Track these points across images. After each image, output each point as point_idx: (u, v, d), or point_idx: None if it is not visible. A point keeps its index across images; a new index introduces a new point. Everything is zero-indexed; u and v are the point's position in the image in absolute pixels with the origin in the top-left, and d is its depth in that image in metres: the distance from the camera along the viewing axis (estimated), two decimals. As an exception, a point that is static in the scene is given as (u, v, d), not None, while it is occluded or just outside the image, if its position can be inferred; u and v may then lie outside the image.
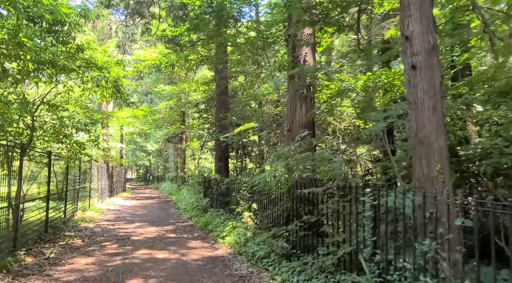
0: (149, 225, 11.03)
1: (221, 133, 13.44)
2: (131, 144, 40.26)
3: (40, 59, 7.05)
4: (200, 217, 11.48)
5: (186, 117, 26.01)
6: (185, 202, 14.76)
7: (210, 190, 12.99)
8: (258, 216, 7.74)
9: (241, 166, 15.80)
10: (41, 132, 8.92)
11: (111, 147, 21.42)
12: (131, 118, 22.44)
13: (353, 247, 4.40)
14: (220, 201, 11.87)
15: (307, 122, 7.38)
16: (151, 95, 33.69)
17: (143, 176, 56.08)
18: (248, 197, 8.51)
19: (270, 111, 11.80)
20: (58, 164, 12.30)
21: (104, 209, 15.42)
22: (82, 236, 8.80)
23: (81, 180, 14.94)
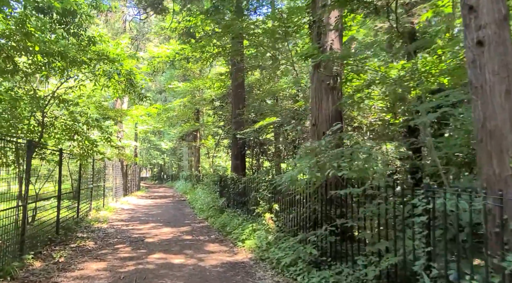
0: (164, 225, 10.60)
1: (238, 130, 12.91)
2: (146, 142, 40.23)
3: (49, 50, 6.63)
4: (217, 217, 10.98)
5: (200, 115, 25.63)
6: (200, 202, 14.31)
7: (227, 189, 12.48)
8: (281, 218, 7.16)
9: (257, 165, 15.24)
10: (52, 129, 8.57)
11: (125, 145, 21.19)
12: (145, 116, 22.17)
13: (399, 257, 3.78)
14: (237, 200, 11.34)
15: (334, 116, 6.75)
16: (165, 93, 33.49)
17: (157, 175, 56.20)
18: (269, 197, 7.94)
19: (288, 106, 11.18)
20: (73, 162, 12.02)
21: (118, 208, 15.11)
22: (94, 237, 8.40)
23: (95, 178, 14.69)
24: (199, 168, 27.15)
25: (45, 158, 8.07)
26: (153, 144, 40.52)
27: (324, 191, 5.48)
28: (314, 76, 7.08)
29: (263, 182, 8.58)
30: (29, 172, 6.31)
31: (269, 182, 8.11)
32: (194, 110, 24.35)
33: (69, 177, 11.93)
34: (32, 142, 6.35)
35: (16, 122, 8.16)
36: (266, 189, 8.17)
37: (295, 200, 6.59)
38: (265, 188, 8.19)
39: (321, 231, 5.15)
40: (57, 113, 8.61)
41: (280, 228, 6.98)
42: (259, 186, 9.07)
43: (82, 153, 8.98)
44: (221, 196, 13.16)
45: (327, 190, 5.39)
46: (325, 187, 5.42)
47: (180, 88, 20.87)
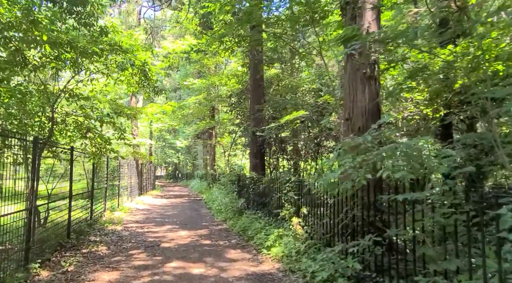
0: (181, 228, 10.02)
1: (257, 127, 12.23)
2: (160, 141, 40.05)
3: (57, 40, 6.09)
4: (236, 219, 10.34)
5: (216, 113, 25.08)
6: (217, 202, 13.71)
7: (246, 190, 11.82)
8: (310, 224, 6.45)
9: (276, 164, 14.53)
10: (63, 126, 8.08)
11: (140, 143, 20.81)
12: (160, 114, 21.75)
13: (477, 280, 3.02)
14: (257, 202, 10.68)
15: (371, 109, 5.99)
16: (180, 91, 33.13)
17: (172, 173, 56.19)
18: (296, 199, 7.23)
19: (311, 101, 10.41)
20: (88, 161, 11.60)
21: (133, 209, 14.67)
22: (107, 242, 7.87)
23: (110, 178, 14.28)
24: (215, 167, 26.62)
25: (57, 156, 7.59)
26: (168, 142, 40.30)
27: (365, 194, 4.74)
28: (348, 64, 6.33)
29: (288, 183, 7.88)
30: (36, 171, 5.78)
31: (295, 183, 7.40)
32: (210, 108, 23.81)
33: (85, 176, 11.50)
34: (38, 138, 5.82)
35: (26, 119, 7.70)
36: (291, 190, 7.47)
37: (327, 203, 5.88)
38: (291, 189, 7.48)
39: (365, 241, 4.41)
40: (69, 110, 8.11)
41: (310, 234, 6.27)
42: (282, 187, 8.38)
43: (95, 152, 8.47)
44: (239, 196, 12.52)
45: (369, 193, 4.65)
46: (367, 190, 4.69)
47: (195, 85, 20.34)
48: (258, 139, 11.98)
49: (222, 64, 24.37)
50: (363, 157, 3.73)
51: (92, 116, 7.57)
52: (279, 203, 8.61)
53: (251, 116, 12.69)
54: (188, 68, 24.34)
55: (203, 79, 20.22)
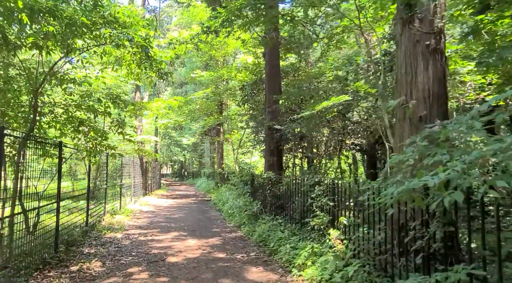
0: (189, 235, 8.76)
1: (274, 120, 10.91)
2: (166, 138, 38.91)
3: (36, 6, 4.82)
4: (252, 226, 9.05)
5: (224, 108, 23.79)
6: (229, 204, 12.43)
7: (261, 191, 10.53)
8: (354, 238, 5.11)
9: (293, 162, 13.20)
10: (52, 118, 6.84)
11: (145, 140, 19.62)
12: (166, 109, 20.52)
13: None
14: (276, 205, 9.38)
15: (437, 92, 4.65)
16: (186, 86, 31.93)
17: (177, 172, 55.17)
18: (331, 206, 5.90)
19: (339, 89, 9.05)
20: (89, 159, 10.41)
21: (137, 211, 13.45)
22: (103, 255, 6.62)
23: (112, 177, 13.08)
24: (223, 165, 25.37)
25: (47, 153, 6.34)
26: (174, 139, 39.13)
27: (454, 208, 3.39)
28: (403, 36, 4.97)
29: (318, 185, 6.56)
30: (16, 169, 4.54)
31: (329, 186, 6.08)
32: (218, 103, 22.55)
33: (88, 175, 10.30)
34: (4, 128, 4.56)
35: (6, 109, 6.48)
36: (325, 195, 6.14)
37: (381, 213, 4.55)
38: (325, 194, 6.16)
39: (455, 273, 3.07)
40: (59, 99, 6.86)
41: (355, 252, 4.95)
42: (310, 190, 7.07)
43: (90, 148, 7.21)
44: (254, 198, 11.23)
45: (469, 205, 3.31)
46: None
47: (203, 77, 19.06)
48: (275, 135, 10.65)
49: (230, 57, 23.07)
50: (479, 153, 2.39)
51: (84, 105, 6.30)
52: (306, 208, 7.30)
53: (267, 109, 11.36)
54: (195, 62, 23.08)
55: (211, 72, 18.93)
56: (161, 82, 39.18)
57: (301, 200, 7.85)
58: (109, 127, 6.84)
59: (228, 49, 20.84)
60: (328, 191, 6.10)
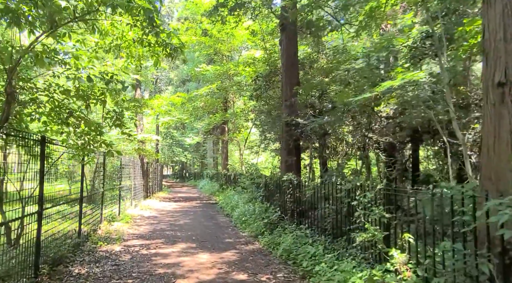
0: (199, 247, 7.50)
1: (291, 115, 9.65)
2: (168, 138, 37.64)
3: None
4: (271, 236, 7.80)
5: (229, 106, 22.53)
6: (240, 210, 11.15)
7: (279, 195, 9.27)
8: (426, 264, 3.84)
9: (310, 163, 11.95)
10: (34, 107, 5.59)
11: (145, 139, 18.38)
12: (168, 106, 19.31)
13: None
14: (297, 212, 8.14)
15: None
16: (188, 84, 30.70)
17: (179, 173, 53.88)
18: (388, 219, 4.63)
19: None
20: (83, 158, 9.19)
21: (137, 217, 12.20)
22: (97, 277, 5.35)
23: (111, 179, 11.82)
24: (228, 166, 24.11)
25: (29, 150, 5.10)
26: (176, 139, 37.84)
27: None
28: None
29: (363, 190, 5.31)
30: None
31: (384, 192, 4.81)
32: (223, 100, 21.30)
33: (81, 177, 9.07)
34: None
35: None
36: (376, 203, 4.88)
37: (480, 234, 3.30)
38: (377, 203, 4.90)
39: None
40: (41, 85, 5.60)
41: (423, 280, 3.69)
42: (347, 195, 5.83)
43: (82, 144, 5.96)
44: (268, 203, 9.99)
45: None
46: None
47: (208, 72, 17.83)
48: (294, 132, 9.39)
49: (236, 52, 21.84)
50: None
51: (73, 90, 5.04)
52: (342, 218, 6.06)
53: (284, 103, 10.10)
54: (198, 57, 21.82)
55: (217, 66, 17.69)
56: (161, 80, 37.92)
57: (332, 207, 6.62)
58: (104, 119, 5.57)
59: (235, 43, 19.63)
60: (384, 200, 4.84)
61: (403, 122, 8.72)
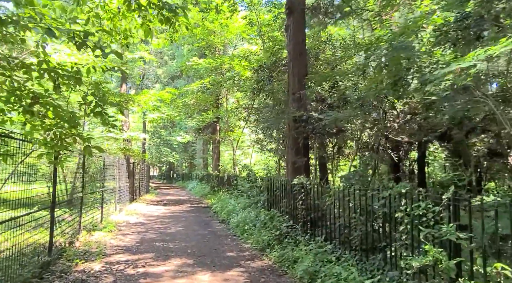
0: (197, 265, 6.26)
1: (300, 110, 8.51)
2: (155, 137, 36.02)
3: None
4: (282, 249, 6.62)
5: (221, 103, 21.26)
6: (239, 217, 9.93)
7: (286, 201, 8.12)
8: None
9: (316, 163, 10.82)
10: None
11: (132, 137, 16.96)
12: (157, 102, 17.94)
13: None
14: (311, 221, 7.01)
15: None
16: (178, 81, 29.26)
17: (166, 174, 52.18)
18: (459, 239, 3.50)
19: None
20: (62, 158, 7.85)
21: (123, 224, 10.85)
22: (68, 313, 4.09)
23: (92, 180, 10.45)
24: (219, 167, 22.83)
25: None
26: (164, 139, 36.24)
27: None
28: None
29: (407, 198, 4.20)
30: None
31: (452, 203, 3.69)
32: (215, 97, 20.03)
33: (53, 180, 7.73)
34: None
35: None
36: (439, 219, 3.75)
37: None
38: (439, 217, 3.77)
39: None
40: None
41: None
42: (380, 203, 4.72)
43: (52, 139, 4.65)
44: (273, 210, 8.83)
45: None
46: None
47: (201, 65, 16.55)
48: (306, 128, 8.24)
49: (230, 45, 20.62)
50: None
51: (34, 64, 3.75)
52: (372, 230, 4.97)
53: (291, 97, 8.93)
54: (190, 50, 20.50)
55: (210, 59, 16.44)
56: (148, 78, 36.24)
57: (361, 217, 5.51)
58: (80, 106, 4.27)
59: (228, 36, 18.42)
60: (443, 211, 3.72)
61: (429, 118, 7.71)
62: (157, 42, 18.63)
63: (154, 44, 19.41)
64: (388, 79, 7.28)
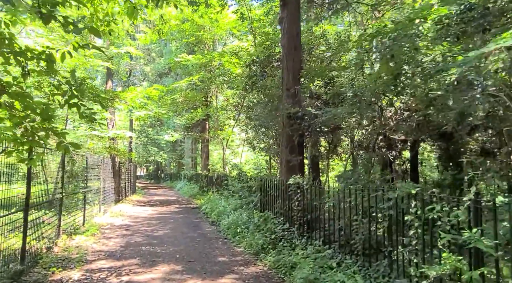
0: (186, 271, 5.80)
1: (295, 106, 8.11)
2: (142, 136, 35.17)
3: None
4: (277, 254, 6.21)
5: (210, 101, 20.73)
6: (230, 219, 9.47)
7: (281, 202, 7.72)
8: None
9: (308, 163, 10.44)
10: None
11: (117, 136, 16.32)
12: (144, 99, 17.31)
13: None
14: (308, 223, 6.63)
15: None
16: (166, 78, 28.57)
17: (153, 174, 51.23)
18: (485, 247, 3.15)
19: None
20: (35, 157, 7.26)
21: (107, 226, 10.28)
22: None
23: (75, 179, 9.85)
24: (208, 166, 22.30)
25: None
26: (151, 138, 35.42)
27: None
28: None
29: (432, 202, 3.83)
30: None
31: (476, 206, 3.33)
32: (204, 94, 19.50)
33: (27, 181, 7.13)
34: None
35: None
36: (458, 223, 3.39)
37: None
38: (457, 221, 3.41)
39: None
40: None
41: None
42: (390, 206, 4.36)
43: (23, 134, 4.12)
44: (266, 211, 8.42)
45: None
46: None
47: (190, 61, 16.01)
48: (301, 125, 7.83)
49: (220, 41, 20.11)
50: None
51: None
52: (375, 235, 4.60)
53: (285, 92, 8.52)
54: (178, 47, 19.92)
55: (199, 55, 15.92)
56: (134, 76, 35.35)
57: (363, 220, 5.14)
58: (52, 95, 3.73)
59: (218, 32, 17.92)
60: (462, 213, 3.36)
61: (429, 115, 7.41)
62: (144, 37, 18.03)
63: (141, 40, 18.81)
64: (387, 74, 6.96)
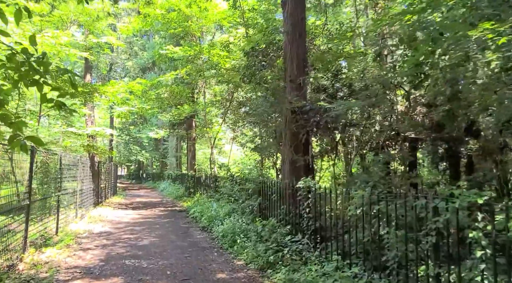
0: (180, 295, 4.79)
1: (300, 99, 7.20)
2: (124, 134, 33.55)
3: None
4: (288, 271, 5.29)
5: (198, 98, 19.62)
6: (224, 226, 8.45)
7: (286, 207, 6.79)
8: None
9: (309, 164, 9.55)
10: None
11: (97, 133, 15.03)
12: (126, 94, 16.07)
13: None
14: (321, 233, 5.74)
15: None
16: (149, 73, 27.18)
17: (135, 173, 49.35)
18: None
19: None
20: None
21: (84, 234, 9.08)
22: None
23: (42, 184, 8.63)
24: (195, 166, 21.16)
25: None
26: (133, 136, 33.84)
27: None
28: None
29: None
30: None
31: None
32: (191, 90, 18.38)
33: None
34: None
35: None
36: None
37: None
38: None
39: None
40: None
41: None
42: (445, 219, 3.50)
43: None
44: (273, 218, 7.48)
45: None
46: None
47: (177, 54, 14.85)
48: (310, 122, 6.91)
49: (209, 34, 19.02)
50: None
51: None
52: (434, 255, 3.74)
53: (289, 84, 7.58)
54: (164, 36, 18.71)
55: (187, 47, 14.81)
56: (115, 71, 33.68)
57: (397, 232, 4.27)
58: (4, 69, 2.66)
59: (207, 23, 16.84)
60: None
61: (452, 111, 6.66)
62: (126, 27, 16.73)
63: (123, 30, 17.50)
64: (406, 63, 6.17)
